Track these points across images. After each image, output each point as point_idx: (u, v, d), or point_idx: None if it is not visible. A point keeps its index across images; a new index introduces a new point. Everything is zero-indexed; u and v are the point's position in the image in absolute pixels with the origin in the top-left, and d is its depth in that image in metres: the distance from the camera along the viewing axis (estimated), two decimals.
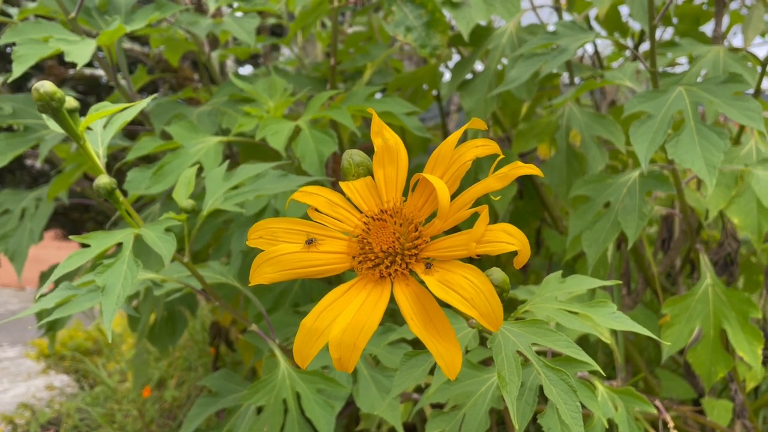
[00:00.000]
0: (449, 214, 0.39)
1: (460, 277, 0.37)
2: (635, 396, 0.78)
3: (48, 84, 0.65)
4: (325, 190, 0.46)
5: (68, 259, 0.69)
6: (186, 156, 1.04)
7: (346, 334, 0.37)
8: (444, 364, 0.36)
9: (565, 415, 0.50)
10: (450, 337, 0.37)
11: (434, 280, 0.38)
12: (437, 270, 0.39)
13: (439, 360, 0.36)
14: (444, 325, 0.38)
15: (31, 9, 1.20)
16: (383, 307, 0.39)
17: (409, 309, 0.38)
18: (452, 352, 0.36)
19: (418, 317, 0.38)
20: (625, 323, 0.58)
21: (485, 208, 0.37)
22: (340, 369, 0.37)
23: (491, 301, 0.36)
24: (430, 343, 0.36)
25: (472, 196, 0.39)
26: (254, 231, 0.45)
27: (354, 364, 0.37)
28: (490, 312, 0.36)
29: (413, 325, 0.37)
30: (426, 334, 0.37)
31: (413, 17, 1.20)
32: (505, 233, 0.36)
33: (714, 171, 0.82)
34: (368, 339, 0.37)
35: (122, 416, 1.98)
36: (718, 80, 0.91)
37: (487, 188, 0.39)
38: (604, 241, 1.00)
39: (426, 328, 0.37)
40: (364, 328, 0.37)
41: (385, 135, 0.45)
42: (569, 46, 1.00)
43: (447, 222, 0.40)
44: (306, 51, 1.97)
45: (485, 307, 0.36)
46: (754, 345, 1.01)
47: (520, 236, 0.36)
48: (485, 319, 0.36)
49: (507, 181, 0.38)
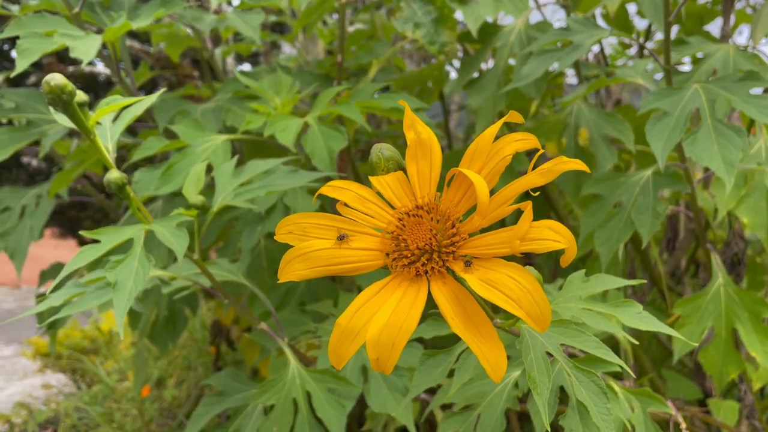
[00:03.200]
0: (489, 210, 0.38)
1: (504, 275, 0.36)
2: (652, 397, 0.77)
3: (59, 77, 0.64)
4: (354, 185, 0.44)
5: (80, 254, 0.68)
6: (194, 155, 1.03)
7: (384, 334, 0.36)
8: (489, 366, 0.35)
9: (596, 417, 0.49)
10: (493, 337, 0.36)
11: (475, 278, 0.36)
12: (477, 268, 0.37)
13: (483, 361, 0.35)
14: (485, 325, 0.36)
15: (33, 6, 1.18)
16: (421, 306, 0.37)
17: (449, 308, 0.37)
18: (496, 354, 0.35)
19: (458, 317, 0.36)
20: (651, 323, 0.57)
21: (529, 204, 0.36)
22: (378, 370, 0.36)
23: (539, 301, 0.34)
24: (474, 344, 0.35)
25: (513, 192, 0.38)
26: (283, 225, 0.43)
27: (393, 364, 0.36)
28: (539, 313, 0.34)
29: (454, 325, 0.36)
30: (468, 334, 0.36)
31: (422, 13, 1.19)
32: (551, 230, 0.35)
33: (732, 169, 0.82)
34: (407, 339, 0.36)
35: (121, 415, 1.96)
36: (734, 77, 0.90)
37: (530, 184, 0.37)
38: (617, 240, 0.99)
39: (467, 329, 0.36)
40: (402, 328, 0.36)
41: (418, 128, 0.44)
42: (583, 42, 0.99)
43: (486, 219, 0.39)
44: (308, 49, 1.96)
45: (533, 307, 0.34)
46: (767, 345, 1.01)
47: (566, 233, 0.35)
48: (533, 319, 0.34)
49: (551, 177, 0.37)
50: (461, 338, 0.35)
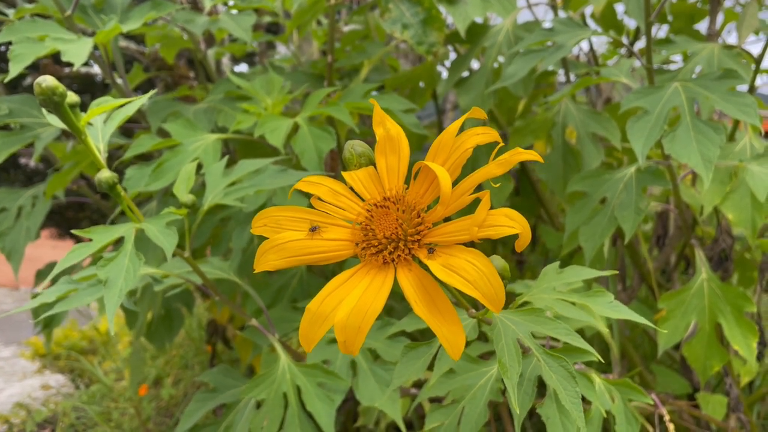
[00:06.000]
0: (451, 200, 0.40)
1: (462, 260, 0.38)
2: (632, 387, 0.78)
3: (50, 79, 0.65)
4: (327, 180, 0.46)
5: (71, 253, 0.70)
6: (185, 153, 1.04)
7: (351, 317, 0.38)
8: (448, 345, 0.37)
9: (564, 400, 0.51)
10: (453, 318, 0.38)
11: (437, 264, 0.38)
12: (440, 255, 0.39)
13: (443, 340, 0.37)
14: (447, 307, 0.38)
15: (27, 9, 1.20)
16: (387, 292, 0.39)
17: (413, 293, 0.39)
18: (455, 333, 0.37)
19: (422, 301, 0.38)
20: (621, 312, 0.59)
21: (487, 193, 0.38)
22: (345, 352, 0.38)
23: (493, 282, 0.36)
24: (434, 325, 0.37)
25: (473, 183, 0.40)
26: (259, 219, 0.45)
27: (359, 346, 0.37)
28: (493, 293, 0.36)
29: (417, 308, 0.38)
30: (430, 316, 0.37)
31: (410, 14, 1.20)
32: (507, 217, 0.37)
33: (710, 165, 0.83)
34: (372, 322, 0.38)
35: (119, 414, 1.98)
36: (713, 76, 0.92)
37: (488, 174, 0.39)
38: (601, 236, 1.00)
39: (430, 311, 0.38)
40: (368, 312, 0.38)
41: (387, 125, 0.46)
42: (566, 43, 1.01)
43: (449, 208, 0.40)
44: (302, 49, 1.97)
45: (488, 288, 0.36)
46: (749, 339, 1.02)
47: (521, 220, 0.37)
48: (488, 299, 0.36)
49: (507, 167, 0.39)
50: (423, 320, 0.37)
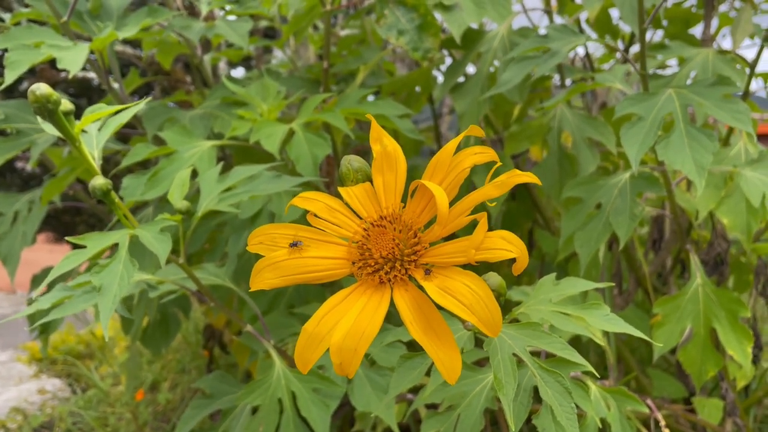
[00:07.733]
0: (448, 220, 0.40)
1: (459, 283, 0.38)
2: (627, 395, 0.78)
3: (44, 86, 0.65)
4: (324, 196, 0.46)
5: (65, 260, 0.70)
6: (180, 161, 1.04)
7: (347, 340, 0.38)
8: (444, 370, 0.37)
9: (560, 416, 0.51)
10: (449, 342, 0.38)
11: (433, 286, 0.38)
12: (436, 276, 0.39)
13: (439, 365, 0.37)
14: (443, 330, 0.38)
15: (23, 13, 1.20)
16: (383, 313, 0.39)
17: (409, 314, 0.39)
18: (452, 358, 0.37)
19: (417, 323, 0.38)
20: (617, 325, 0.59)
21: (484, 215, 0.38)
22: (341, 374, 0.38)
23: (490, 307, 0.36)
24: (430, 349, 0.37)
25: (470, 203, 0.40)
26: (254, 237, 0.45)
27: (355, 369, 0.37)
28: (490, 318, 0.36)
29: (413, 330, 0.38)
30: (426, 339, 0.37)
31: (405, 20, 1.21)
32: (504, 240, 0.37)
33: (703, 172, 0.84)
34: (369, 344, 0.38)
35: (115, 419, 1.98)
36: (707, 82, 0.92)
37: (486, 195, 0.39)
38: (596, 242, 1.01)
39: (426, 334, 0.38)
40: (364, 334, 0.38)
41: (384, 142, 0.46)
42: (560, 50, 1.01)
43: (446, 228, 0.41)
44: (299, 53, 1.97)
45: (484, 313, 0.36)
46: (744, 344, 1.03)
47: (518, 243, 0.37)
48: (484, 324, 0.36)
49: (505, 189, 0.39)
50: (419, 343, 0.37)
